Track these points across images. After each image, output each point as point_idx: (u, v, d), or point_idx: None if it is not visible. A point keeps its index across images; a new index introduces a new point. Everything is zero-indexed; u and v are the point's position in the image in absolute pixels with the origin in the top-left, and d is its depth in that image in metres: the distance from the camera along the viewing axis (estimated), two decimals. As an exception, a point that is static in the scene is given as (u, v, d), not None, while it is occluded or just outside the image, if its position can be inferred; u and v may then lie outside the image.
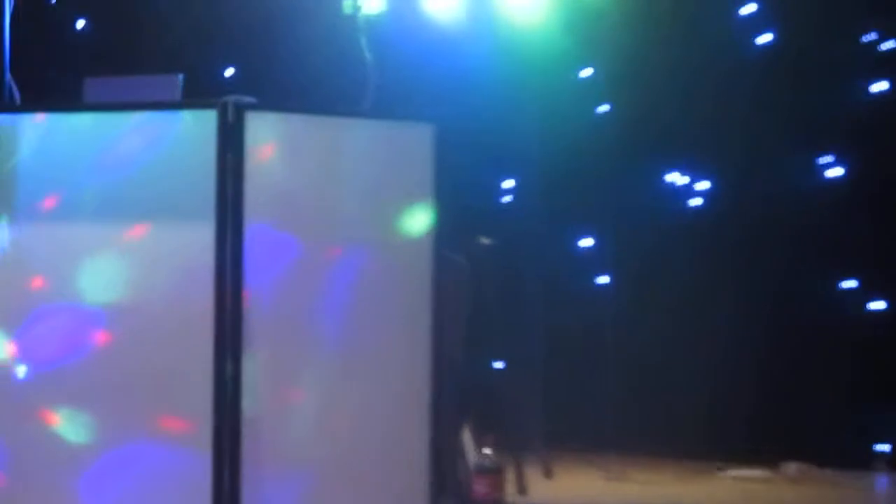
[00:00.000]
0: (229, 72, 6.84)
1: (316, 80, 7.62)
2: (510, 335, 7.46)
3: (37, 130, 5.89)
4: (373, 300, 5.89)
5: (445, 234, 6.08)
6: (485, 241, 7.23)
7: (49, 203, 5.84)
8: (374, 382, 5.88)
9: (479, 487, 6.23)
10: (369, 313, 5.89)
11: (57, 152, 5.84)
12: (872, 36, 8.15)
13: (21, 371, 5.77)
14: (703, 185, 8.42)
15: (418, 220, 5.96)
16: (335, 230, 5.88)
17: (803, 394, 8.01)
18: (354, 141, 5.99)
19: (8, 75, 6.22)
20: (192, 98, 5.93)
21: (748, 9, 8.33)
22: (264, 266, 5.67)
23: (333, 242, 5.85)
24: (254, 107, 5.74)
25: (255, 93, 6.03)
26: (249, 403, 5.58)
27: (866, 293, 8.04)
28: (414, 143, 5.98)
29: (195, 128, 5.67)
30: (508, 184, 8.40)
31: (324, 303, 5.78)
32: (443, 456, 6.02)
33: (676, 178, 8.55)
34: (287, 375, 5.75)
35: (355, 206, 5.89)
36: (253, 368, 5.60)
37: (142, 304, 5.72)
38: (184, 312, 5.67)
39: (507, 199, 8.34)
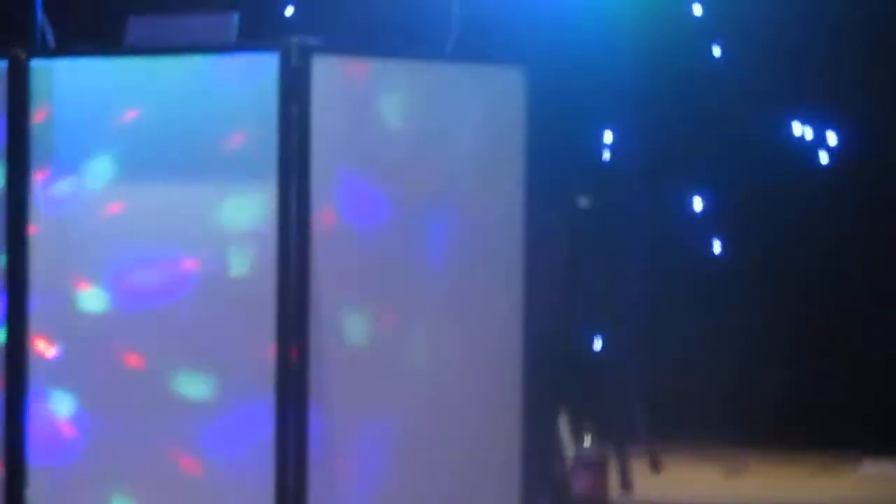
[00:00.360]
0: (289, 10, 6.28)
1: (390, 17, 7.15)
2: (610, 309, 6.96)
3: (74, 76, 5.70)
4: (459, 265, 5.74)
5: (539, 193, 5.79)
6: (584, 201, 6.94)
7: (83, 159, 5.68)
8: (459, 356, 5.69)
9: (579, 483, 6.11)
10: (454, 278, 5.73)
11: (96, 102, 5.63)
12: None
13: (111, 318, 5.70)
14: (830, 138, 7.93)
15: (509, 176, 5.70)
16: (415, 187, 5.62)
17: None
18: (438, 87, 5.79)
19: (40, 15, 5.80)
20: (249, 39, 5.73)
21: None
22: (332, 243, 5.50)
23: (413, 201, 5.62)
24: (321, 49, 5.45)
25: (320, 33, 5.71)
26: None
27: None
28: (504, 88, 5.81)
29: (254, 74, 5.44)
30: (610, 137, 7.81)
31: (406, 265, 5.62)
32: (538, 447, 5.54)
33: (800, 131, 8.06)
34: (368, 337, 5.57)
35: (439, 161, 5.69)
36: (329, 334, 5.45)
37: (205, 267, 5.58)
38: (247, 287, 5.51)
39: (608, 154, 7.80)
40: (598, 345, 7.05)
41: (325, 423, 5.37)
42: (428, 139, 5.63)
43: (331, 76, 5.38)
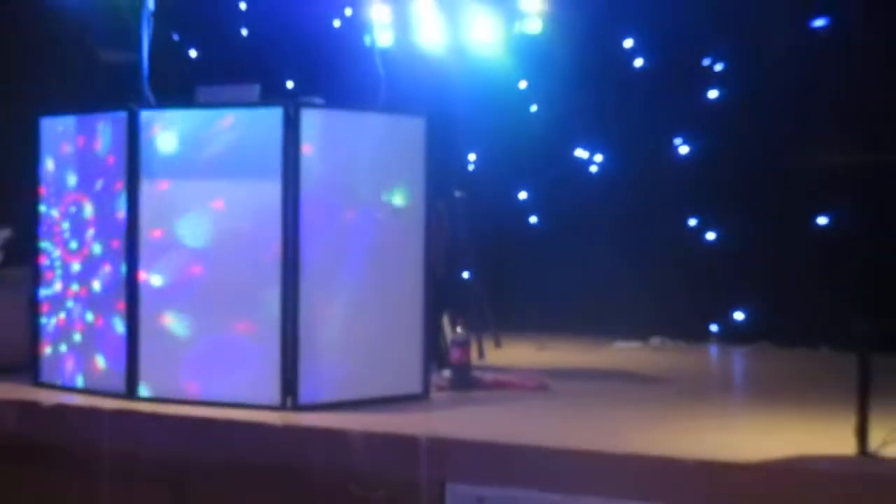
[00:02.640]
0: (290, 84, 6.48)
1: (346, 87, 7.38)
2: (469, 254, 7.29)
3: (166, 122, 5.76)
4: (386, 239, 5.86)
5: (432, 189, 6.04)
6: (459, 194, 7.18)
7: (159, 176, 5.77)
8: (388, 292, 5.86)
9: (454, 354, 6.27)
10: (385, 247, 5.85)
11: (178, 138, 5.72)
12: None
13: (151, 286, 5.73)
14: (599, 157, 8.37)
15: (417, 179, 5.92)
16: (360, 195, 5.79)
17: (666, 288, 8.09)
18: (372, 129, 5.91)
19: (147, 86, 6.10)
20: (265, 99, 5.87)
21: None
22: (314, 220, 5.55)
23: (359, 203, 5.77)
24: (307, 105, 5.63)
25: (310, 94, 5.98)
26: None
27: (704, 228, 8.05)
28: (413, 131, 5.92)
29: (268, 120, 5.54)
30: (472, 157, 8.22)
31: (353, 242, 5.74)
32: (431, 335, 5.97)
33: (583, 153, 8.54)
34: (330, 293, 5.65)
35: (373, 175, 5.83)
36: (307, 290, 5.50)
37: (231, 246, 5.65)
38: (259, 253, 5.58)
39: (472, 167, 8.23)
40: (464, 275, 7.37)
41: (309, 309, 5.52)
42: (366, 162, 5.78)
43: (312, 122, 5.51)
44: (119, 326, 5.81)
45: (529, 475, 4.60)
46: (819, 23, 4.24)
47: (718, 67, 7.98)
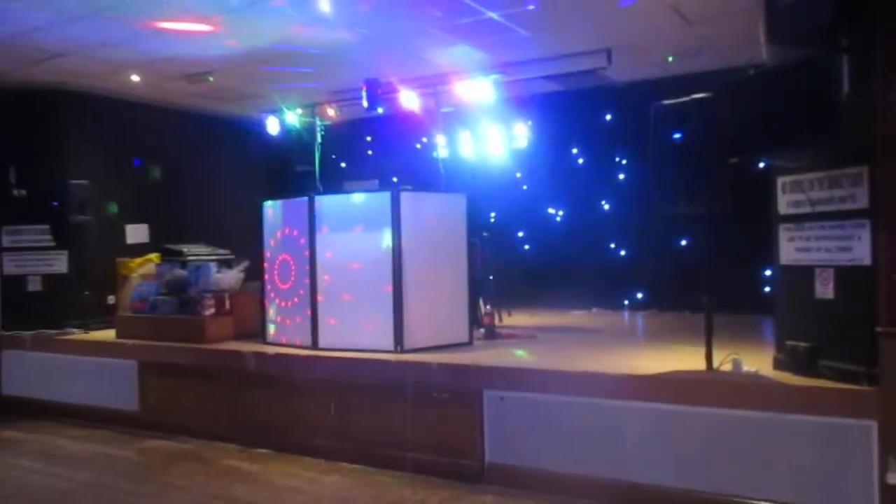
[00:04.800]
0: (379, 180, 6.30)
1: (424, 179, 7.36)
2: (496, 266, 7.17)
3: (327, 202, 5.79)
4: (448, 259, 5.77)
5: (470, 231, 5.91)
6: (485, 234, 7.10)
7: (325, 228, 5.76)
8: (448, 288, 5.79)
9: (485, 319, 6.27)
10: (446, 263, 5.77)
11: (332, 211, 5.75)
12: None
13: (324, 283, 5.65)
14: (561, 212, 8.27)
15: (461, 226, 5.83)
16: (433, 236, 5.70)
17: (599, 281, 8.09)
18: (438, 201, 5.85)
19: (318, 183, 6.17)
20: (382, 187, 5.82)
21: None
22: (408, 249, 5.51)
23: (432, 240, 5.69)
24: (404, 190, 5.60)
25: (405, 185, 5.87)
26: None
27: (619, 248, 7.93)
28: (459, 202, 5.85)
29: (384, 198, 5.53)
30: (493, 214, 8.20)
31: (429, 261, 5.65)
32: (472, 310, 5.94)
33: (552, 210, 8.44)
34: (418, 288, 5.58)
35: (439, 225, 5.74)
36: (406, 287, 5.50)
37: (368, 263, 5.60)
38: (381, 268, 5.50)
39: (493, 219, 8.20)
40: (490, 278, 7.17)
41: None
42: (438, 223, 5.69)
43: (406, 199, 5.49)
44: (304, 314, 5.82)
45: (528, 384, 4.68)
46: (676, 135, 4.20)
47: (623, 161, 7.93)
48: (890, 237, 3.61)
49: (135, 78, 7.37)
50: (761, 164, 4.92)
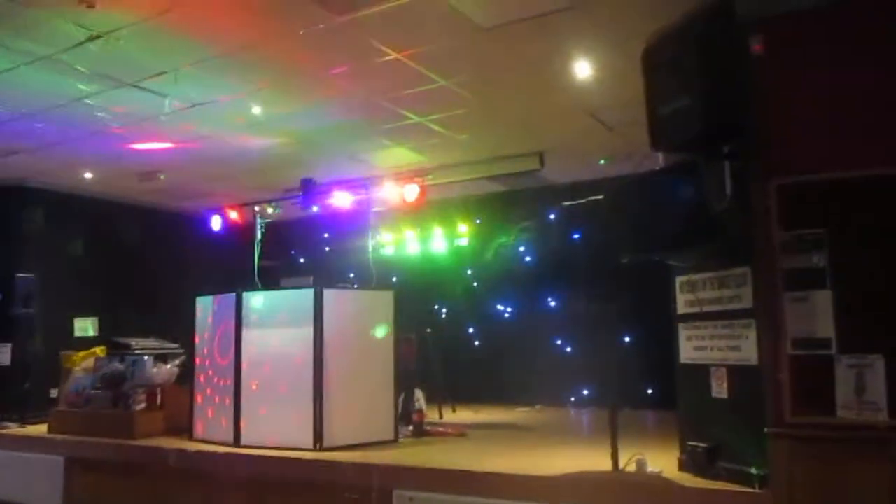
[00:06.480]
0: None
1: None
2: (439, 361, 7.08)
3: (255, 299, 5.70)
4: (372, 355, 5.65)
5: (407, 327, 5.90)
6: (428, 330, 6.99)
7: (252, 324, 5.65)
8: (373, 378, 5.64)
9: (415, 416, 6.13)
10: (371, 359, 5.65)
11: (259, 307, 5.64)
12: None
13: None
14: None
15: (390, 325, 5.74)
16: (357, 331, 5.62)
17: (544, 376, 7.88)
18: (365, 297, 5.81)
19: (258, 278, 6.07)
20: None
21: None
22: (331, 344, 5.39)
23: (357, 335, 5.60)
24: (328, 287, 5.56)
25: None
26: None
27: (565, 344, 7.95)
28: (386, 298, 5.78)
29: (307, 295, 5.40)
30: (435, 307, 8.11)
31: (353, 356, 5.54)
32: (406, 403, 5.82)
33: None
34: (340, 384, 5.47)
35: (369, 324, 5.66)
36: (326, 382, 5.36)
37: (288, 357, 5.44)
38: (302, 363, 5.35)
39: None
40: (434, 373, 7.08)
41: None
42: (364, 319, 5.59)
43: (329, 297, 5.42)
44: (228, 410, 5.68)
45: (436, 484, 4.54)
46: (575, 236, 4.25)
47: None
48: (770, 337, 3.59)
49: (88, 175, 7.50)
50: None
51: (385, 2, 4.08)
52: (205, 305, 6.20)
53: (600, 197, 4.21)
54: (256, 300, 5.70)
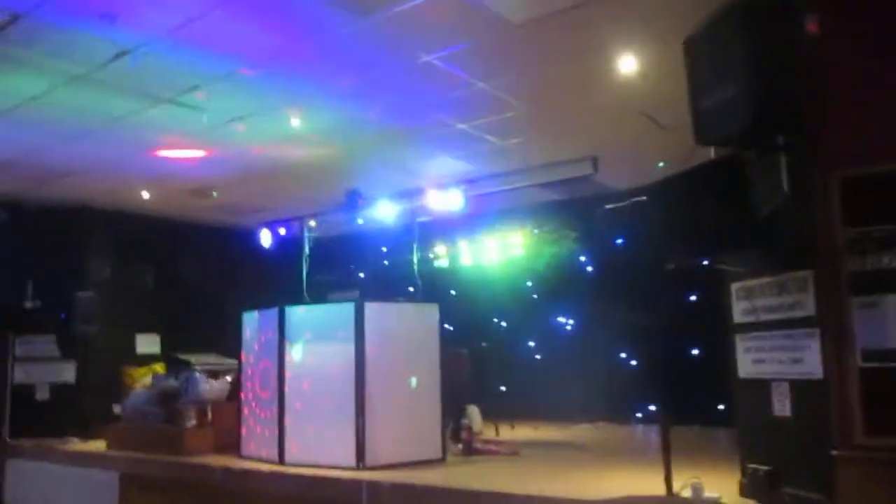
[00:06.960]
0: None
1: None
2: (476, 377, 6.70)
3: (297, 314, 5.61)
4: (417, 370, 5.43)
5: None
6: (484, 344, 6.75)
7: (297, 339, 5.54)
8: (418, 394, 5.41)
9: (465, 434, 5.88)
10: (419, 373, 5.42)
11: (303, 322, 5.53)
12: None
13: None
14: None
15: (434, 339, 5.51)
16: (401, 348, 5.41)
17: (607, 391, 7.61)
18: (408, 311, 5.67)
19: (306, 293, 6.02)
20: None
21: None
22: (375, 363, 5.22)
23: (402, 352, 5.40)
24: (369, 301, 5.35)
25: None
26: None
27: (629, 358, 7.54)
28: (431, 311, 5.58)
29: (348, 309, 5.25)
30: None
31: (396, 371, 5.35)
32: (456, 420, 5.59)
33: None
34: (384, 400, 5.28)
35: (413, 338, 5.46)
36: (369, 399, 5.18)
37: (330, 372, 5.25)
38: (344, 378, 5.17)
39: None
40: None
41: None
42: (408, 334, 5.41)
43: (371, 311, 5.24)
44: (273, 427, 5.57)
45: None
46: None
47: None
48: (836, 348, 3.21)
49: (145, 195, 7.61)
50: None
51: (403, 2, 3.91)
52: (250, 321, 6.16)
53: (643, 198, 3.91)
54: (298, 314, 5.64)
